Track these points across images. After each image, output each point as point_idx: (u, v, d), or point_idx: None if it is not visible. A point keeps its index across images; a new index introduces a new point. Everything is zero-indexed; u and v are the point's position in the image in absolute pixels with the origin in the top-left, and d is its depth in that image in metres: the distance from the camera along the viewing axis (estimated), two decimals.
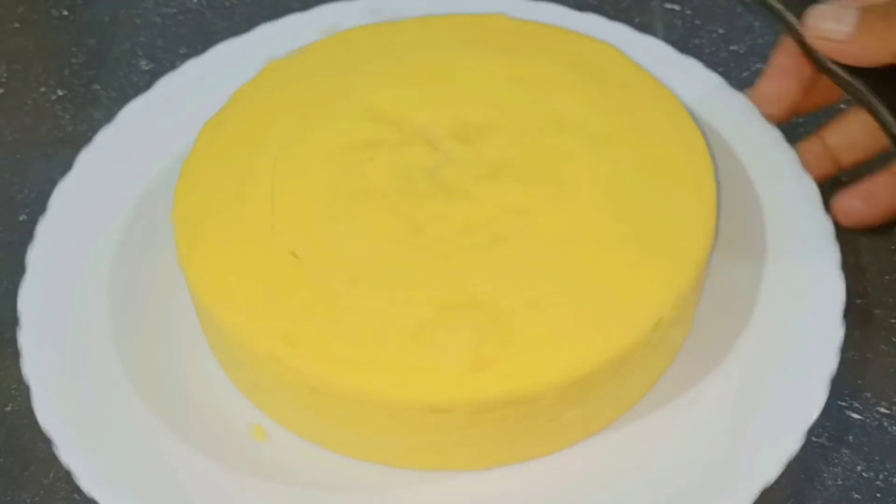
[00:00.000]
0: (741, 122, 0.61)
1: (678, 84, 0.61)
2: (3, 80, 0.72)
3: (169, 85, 0.64)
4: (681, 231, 0.52)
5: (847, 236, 0.60)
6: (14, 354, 0.53)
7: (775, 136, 0.60)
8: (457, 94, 0.57)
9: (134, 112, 0.63)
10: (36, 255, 0.56)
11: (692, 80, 0.63)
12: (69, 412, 0.51)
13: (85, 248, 0.58)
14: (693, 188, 0.53)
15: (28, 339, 0.53)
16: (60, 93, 0.71)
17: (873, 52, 0.54)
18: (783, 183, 0.58)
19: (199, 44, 0.68)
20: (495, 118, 0.55)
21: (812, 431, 0.53)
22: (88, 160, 0.61)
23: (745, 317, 0.55)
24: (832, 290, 0.54)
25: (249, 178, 0.54)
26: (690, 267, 0.51)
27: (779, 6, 0.57)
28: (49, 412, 0.51)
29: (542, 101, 0.56)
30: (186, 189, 0.54)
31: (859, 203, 0.59)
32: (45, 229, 0.57)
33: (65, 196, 0.59)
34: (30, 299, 0.55)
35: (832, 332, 0.52)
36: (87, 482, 0.49)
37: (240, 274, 0.50)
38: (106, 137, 0.62)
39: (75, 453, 0.50)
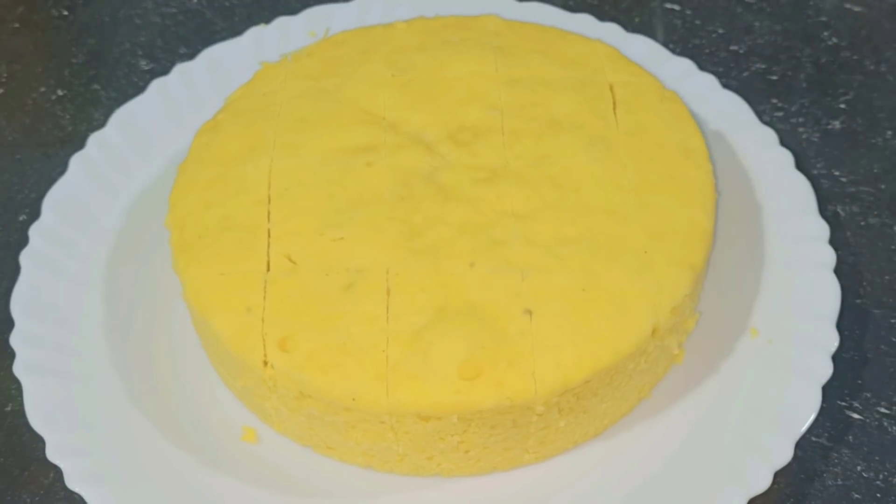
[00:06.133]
0: (735, 122, 0.61)
1: (671, 84, 0.61)
2: (3, 80, 0.72)
3: (160, 89, 0.64)
4: (680, 237, 0.51)
5: (847, 237, 0.61)
6: (13, 355, 0.53)
7: (770, 137, 0.60)
8: (451, 97, 0.56)
9: (125, 116, 0.63)
10: (28, 258, 0.56)
11: (685, 79, 0.63)
12: (60, 414, 0.51)
13: (79, 251, 0.58)
14: (693, 193, 0.53)
15: (20, 340, 0.53)
16: (60, 93, 0.71)
17: None
18: (779, 184, 0.58)
19: (199, 44, 0.68)
20: (491, 121, 0.55)
21: (812, 431, 0.53)
22: (80, 164, 0.61)
23: (740, 324, 0.54)
24: (827, 296, 0.53)
25: (245, 183, 0.53)
26: (689, 274, 0.50)
27: None
28: (39, 414, 0.51)
29: (539, 102, 0.56)
30: (181, 195, 0.54)
31: None
32: (38, 232, 0.57)
33: (57, 199, 0.59)
34: (22, 302, 0.55)
35: (827, 339, 0.52)
36: (74, 483, 0.49)
37: (235, 282, 0.50)
38: (97, 141, 0.62)
39: (63, 454, 0.50)
